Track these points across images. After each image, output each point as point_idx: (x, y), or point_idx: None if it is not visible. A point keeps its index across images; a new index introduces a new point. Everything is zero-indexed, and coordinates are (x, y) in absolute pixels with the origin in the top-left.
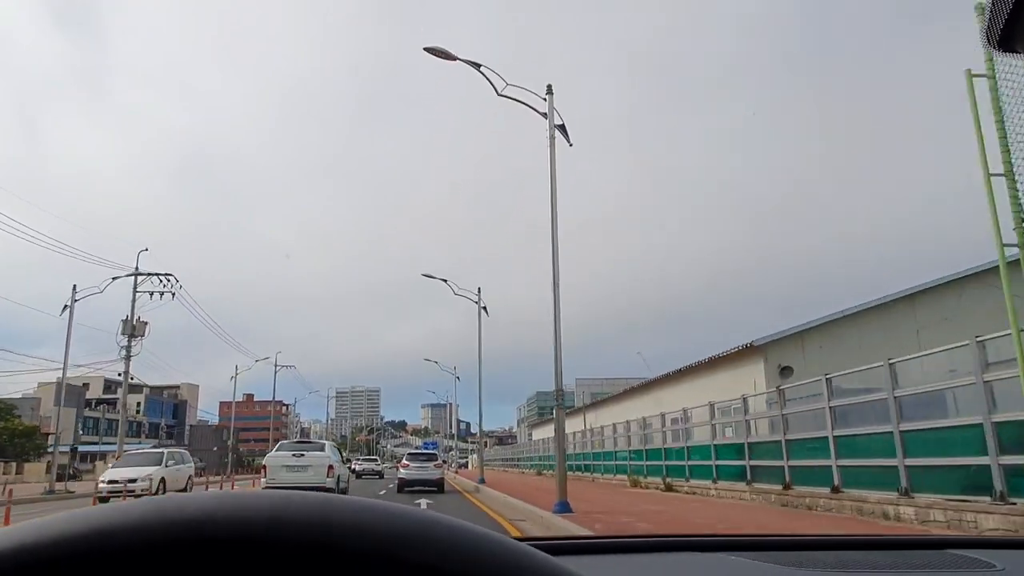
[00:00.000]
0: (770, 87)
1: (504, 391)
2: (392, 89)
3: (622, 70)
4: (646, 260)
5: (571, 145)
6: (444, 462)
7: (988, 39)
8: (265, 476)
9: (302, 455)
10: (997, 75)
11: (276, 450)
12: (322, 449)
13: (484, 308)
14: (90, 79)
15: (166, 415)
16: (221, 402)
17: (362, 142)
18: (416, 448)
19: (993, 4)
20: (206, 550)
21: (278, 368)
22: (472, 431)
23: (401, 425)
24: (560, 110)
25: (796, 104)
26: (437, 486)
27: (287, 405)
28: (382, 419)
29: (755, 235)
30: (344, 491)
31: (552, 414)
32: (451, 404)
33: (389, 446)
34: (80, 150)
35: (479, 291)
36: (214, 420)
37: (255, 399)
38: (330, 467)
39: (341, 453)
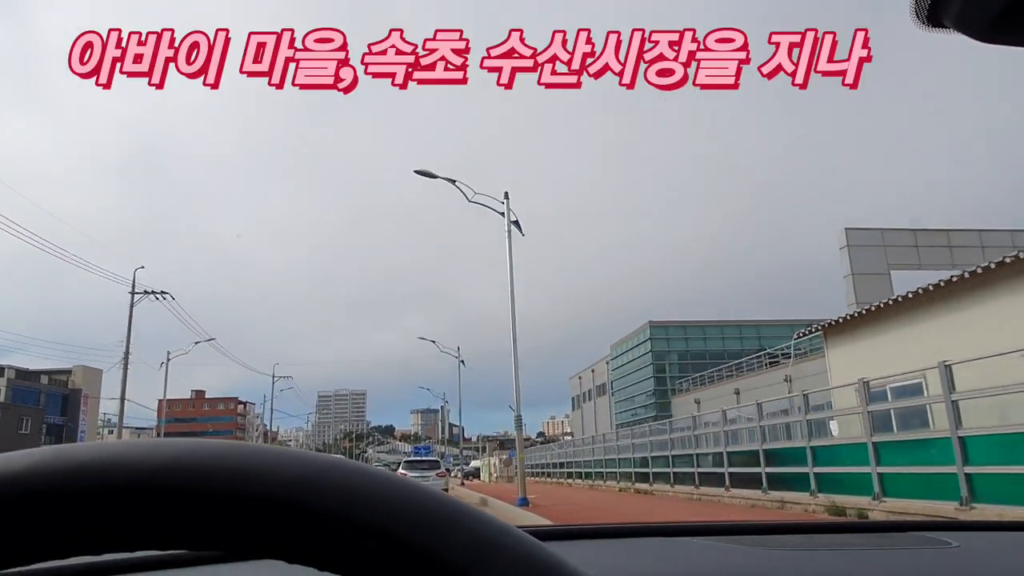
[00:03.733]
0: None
1: (492, 399)
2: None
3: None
4: None
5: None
6: (448, 471)
7: (917, 14)
8: None
9: None
10: None
11: None
12: None
13: (516, 223)
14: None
15: (49, 409)
16: (159, 400)
17: (336, 132)
18: (411, 454)
19: None
20: (104, 496)
21: (137, 298)
22: (466, 436)
23: (389, 430)
24: None
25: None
26: None
27: (244, 403)
28: (368, 424)
29: None
30: None
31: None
32: (443, 406)
33: (372, 452)
34: (28, 146)
35: (506, 196)
36: (150, 423)
37: (206, 396)
38: None
39: None
